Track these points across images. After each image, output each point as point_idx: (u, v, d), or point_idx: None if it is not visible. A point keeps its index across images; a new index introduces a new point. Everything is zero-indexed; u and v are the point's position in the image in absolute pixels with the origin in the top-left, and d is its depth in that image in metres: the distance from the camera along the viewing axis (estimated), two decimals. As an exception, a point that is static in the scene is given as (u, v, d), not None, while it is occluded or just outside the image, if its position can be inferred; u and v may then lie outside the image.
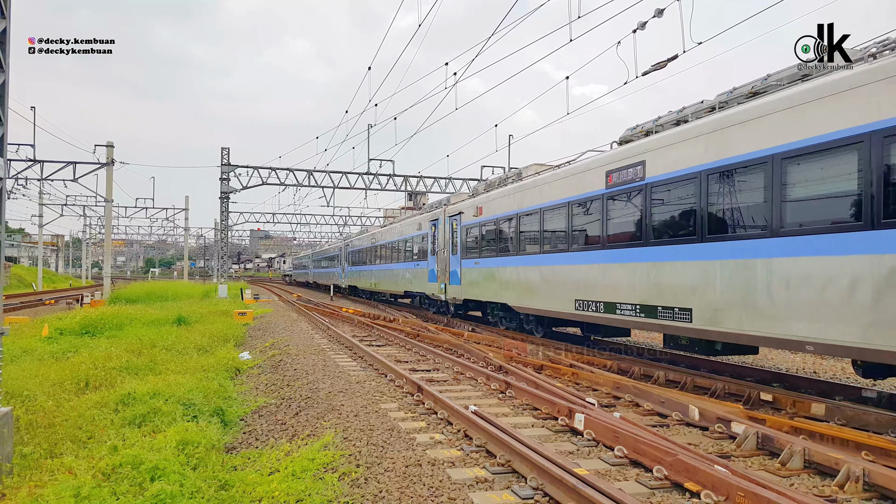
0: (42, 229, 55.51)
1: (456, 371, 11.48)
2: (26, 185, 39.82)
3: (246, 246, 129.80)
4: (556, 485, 4.99)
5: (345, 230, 69.75)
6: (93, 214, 62.77)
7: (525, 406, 8.60)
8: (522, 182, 16.33)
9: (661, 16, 12.08)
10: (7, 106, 6.20)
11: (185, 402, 8.04)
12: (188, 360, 11.94)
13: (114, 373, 10.20)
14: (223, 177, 36.06)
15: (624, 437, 6.22)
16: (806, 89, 7.82)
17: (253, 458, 6.48)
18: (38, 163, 32.05)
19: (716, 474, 4.91)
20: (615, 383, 9.57)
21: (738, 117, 8.86)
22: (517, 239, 16.19)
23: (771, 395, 8.57)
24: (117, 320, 17.54)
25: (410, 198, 42.20)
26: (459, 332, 17.78)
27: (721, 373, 10.95)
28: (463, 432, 7.01)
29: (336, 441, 6.52)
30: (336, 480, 5.36)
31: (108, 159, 31.99)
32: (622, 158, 11.59)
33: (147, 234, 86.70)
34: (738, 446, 6.60)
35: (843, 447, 6.30)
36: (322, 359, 12.53)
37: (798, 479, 5.69)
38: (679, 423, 7.75)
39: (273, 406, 8.85)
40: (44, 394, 8.29)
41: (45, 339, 14.34)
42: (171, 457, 5.59)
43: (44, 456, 6.14)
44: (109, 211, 34.10)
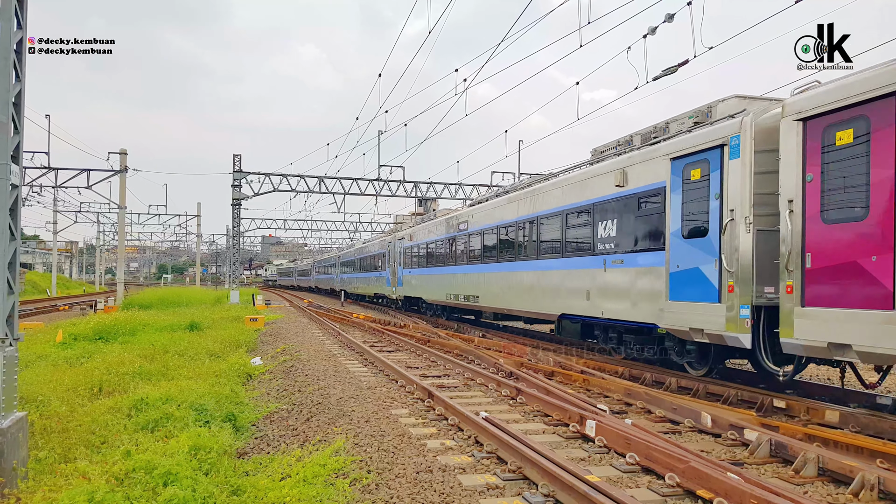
0: (56, 236, 56.12)
1: (466, 377, 11.48)
2: (41, 192, 40.30)
3: (257, 252, 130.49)
4: (568, 491, 4.97)
5: (355, 236, 70.04)
6: (106, 221, 63.55)
7: (536, 412, 8.58)
8: (425, 224, 27.21)
9: (671, 21, 12.06)
10: (23, 114, 6.29)
11: (198, 407, 8.08)
12: (200, 365, 12.00)
13: (127, 378, 10.28)
14: (235, 183, 36.31)
15: (636, 443, 6.19)
16: (570, 177, 14.33)
17: (264, 464, 6.50)
18: (52, 170, 32.40)
19: (728, 481, 4.88)
20: (627, 390, 9.53)
21: (541, 189, 15.76)
22: (425, 257, 26.51)
23: (784, 402, 8.50)
24: (130, 326, 17.66)
25: (420, 204, 42.29)
26: (470, 337, 17.79)
27: (733, 379, 10.86)
28: (474, 438, 7.01)
29: (347, 447, 6.54)
30: (347, 486, 5.37)
31: (121, 166, 32.29)
32: (462, 217, 22.04)
33: (160, 241, 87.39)
34: (750, 453, 6.55)
35: (858, 455, 6.24)
36: (333, 364, 12.56)
37: (812, 486, 5.64)
38: (691, 429, 7.70)
39: (284, 411, 8.88)
40: (58, 399, 8.37)
41: (59, 345, 14.47)
42: (183, 462, 5.62)
43: (58, 460, 6.20)
44: (122, 217, 34.40)
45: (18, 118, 6.19)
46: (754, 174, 8.85)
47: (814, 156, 7.76)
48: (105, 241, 75.95)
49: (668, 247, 10.42)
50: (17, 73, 6.17)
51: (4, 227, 5.90)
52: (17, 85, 6.17)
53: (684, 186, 10.06)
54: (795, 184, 7.89)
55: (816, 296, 7.69)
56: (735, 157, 9.05)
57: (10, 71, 6.00)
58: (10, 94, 6.00)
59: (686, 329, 9.93)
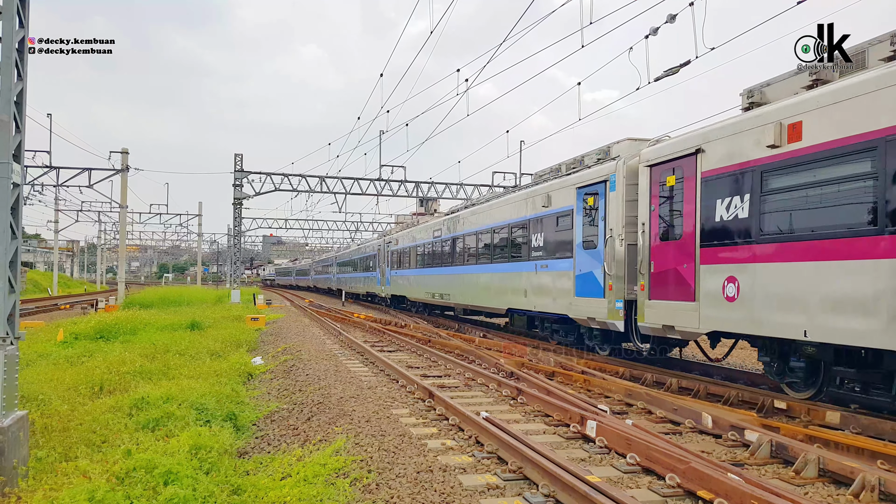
0: (57, 235, 56.19)
1: (467, 377, 11.47)
2: (42, 191, 40.39)
3: (259, 251, 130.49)
4: (568, 492, 4.97)
5: (356, 236, 70.06)
6: (107, 220, 63.59)
7: (536, 412, 8.57)
8: (408, 230, 30.96)
9: (673, 21, 12.06)
10: (24, 113, 6.29)
11: (198, 406, 8.09)
12: (201, 364, 12.00)
13: (128, 377, 10.29)
14: (236, 183, 36.32)
15: (636, 444, 6.18)
16: (515, 195, 17.77)
17: (265, 463, 6.51)
18: (53, 169, 32.43)
19: (729, 482, 4.87)
20: (627, 390, 9.52)
21: (491, 205, 19.64)
22: (406, 260, 30.15)
23: (785, 403, 8.49)
24: (131, 325, 17.65)
25: (422, 204, 42.29)
26: (471, 337, 17.79)
27: (735, 380, 10.88)
28: (474, 438, 7.01)
29: (348, 446, 6.54)
30: (348, 486, 5.37)
31: (122, 165, 32.31)
32: (437, 226, 25.32)
33: (161, 240, 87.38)
34: (751, 454, 6.54)
35: (859, 456, 6.23)
36: (334, 364, 12.56)
37: (812, 487, 5.63)
38: (692, 430, 7.70)
39: (285, 411, 8.88)
40: (59, 398, 8.38)
41: (60, 344, 14.47)
42: (184, 461, 5.62)
43: (59, 459, 6.20)
44: (124, 217, 34.42)
45: (20, 117, 6.19)
46: (626, 202, 11.81)
47: (655, 192, 10.78)
48: (106, 241, 75.97)
49: (575, 255, 13.55)
50: (19, 72, 6.18)
51: (6, 226, 5.90)
52: (19, 83, 6.18)
53: (584, 210, 13.12)
54: (645, 212, 11.00)
55: (656, 292, 10.68)
56: (613, 189, 12.13)
57: (11, 69, 6.01)
58: (11, 92, 6.01)
59: (585, 318, 13.08)
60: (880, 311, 6.81)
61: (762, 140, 8.39)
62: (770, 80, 9.30)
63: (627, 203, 11.70)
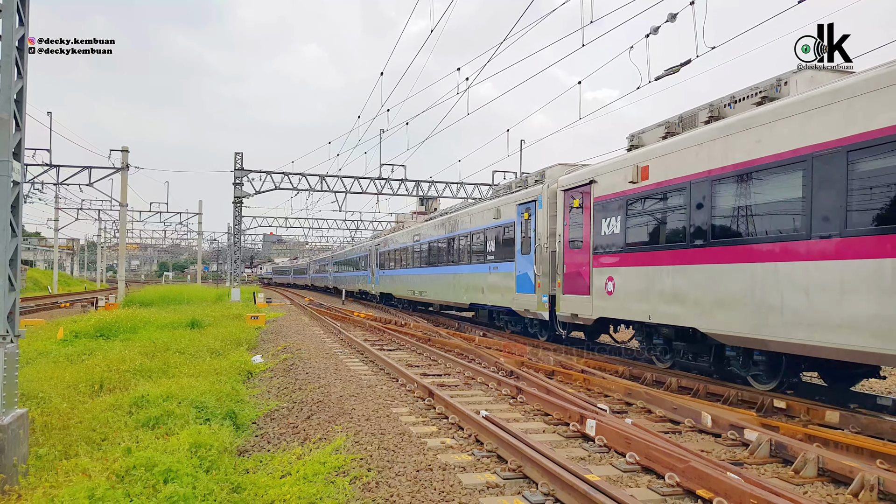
0: (57, 233, 56.20)
1: (467, 376, 11.47)
2: (42, 189, 40.34)
3: (259, 250, 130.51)
4: (568, 490, 4.97)
5: (356, 235, 70.07)
6: (107, 218, 63.53)
7: (536, 411, 8.58)
8: (394, 234, 34.28)
9: (674, 20, 12.05)
10: (24, 111, 6.29)
11: (198, 404, 8.09)
12: (201, 363, 12.01)
13: (128, 375, 10.29)
14: (236, 181, 36.32)
15: (636, 443, 6.19)
16: (476, 207, 20.35)
17: (265, 462, 6.51)
18: (53, 167, 32.43)
19: (728, 481, 4.88)
20: (627, 389, 9.53)
21: (464, 213, 22.06)
22: (393, 260, 33.10)
23: (784, 403, 8.50)
24: (131, 323, 17.66)
25: (422, 202, 42.27)
26: (471, 336, 17.79)
27: (734, 380, 10.86)
28: (474, 437, 7.01)
29: (347, 445, 6.54)
30: (347, 484, 5.37)
31: (122, 164, 32.30)
32: (416, 230, 28.34)
33: (161, 238, 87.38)
34: (750, 453, 6.55)
35: (858, 455, 6.24)
36: (334, 363, 12.57)
37: (812, 486, 5.64)
38: (691, 429, 7.70)
39: (285, 409, 8.89)
40: (59, 396, 8.39)
41: (60, 342, 14.48)
42: (184, 459, 5.63)
43: (59, 457, 6.21)
44: (124, 215, 34.41)
45: (20, 115, 6.19)
46: (549, 217, 15.04)
47: (566, 211, 13.96)
48: (106, 239, 75.96)
49: (516, 259, 16.81)
50: (19, 70, 6.18)
51: (6, 224, 5.90)
52: (19, 81, 6.18)
53: (522, 222, 16.46)
54: (561, 225, 14.31)
55: (567, 288, 13.92)
56: (540, 207, 15.46)
57: (12, 67, 6.01)
58: (11, 90, 6.01)
59: (523, 310, 16.43)
60: (687, 300, 9.88)
61: (628, 177, 11.51)
62: (645, 129, 12.20)
63: (550, 218, 14.91)
